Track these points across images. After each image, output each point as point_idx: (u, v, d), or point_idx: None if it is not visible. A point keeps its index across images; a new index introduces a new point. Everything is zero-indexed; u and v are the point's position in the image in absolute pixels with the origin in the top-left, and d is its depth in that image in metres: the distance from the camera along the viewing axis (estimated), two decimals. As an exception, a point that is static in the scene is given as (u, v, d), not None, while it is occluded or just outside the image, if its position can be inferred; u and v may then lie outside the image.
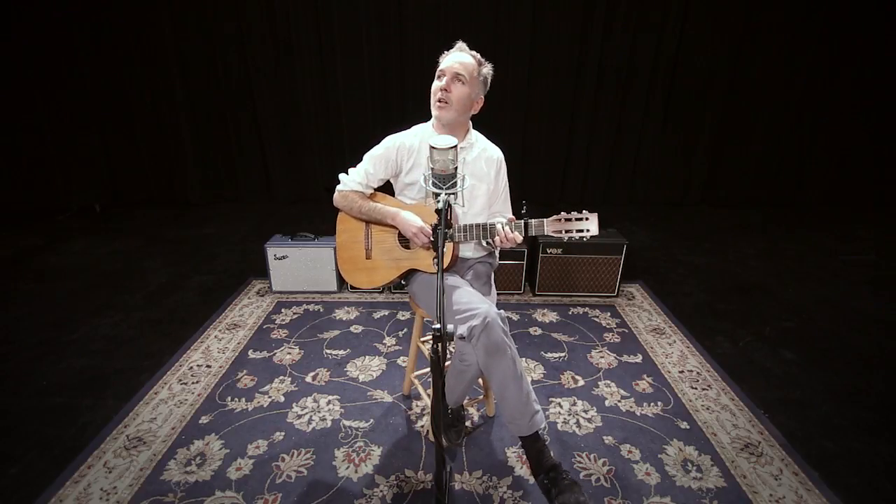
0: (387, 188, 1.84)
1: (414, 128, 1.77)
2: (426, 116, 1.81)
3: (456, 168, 1.26)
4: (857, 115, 4.60)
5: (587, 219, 1.50)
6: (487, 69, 1.67)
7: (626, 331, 2.62)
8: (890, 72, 4.44)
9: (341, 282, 2.99)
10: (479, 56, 1.65)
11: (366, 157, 1.76)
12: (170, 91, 4.30)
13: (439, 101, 1.61)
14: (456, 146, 1.22)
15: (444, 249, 1.61)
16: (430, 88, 1.65)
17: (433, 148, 1.22)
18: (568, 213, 1.52)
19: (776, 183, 4.86)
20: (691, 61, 4.37)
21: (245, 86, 4.33)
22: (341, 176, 1.79)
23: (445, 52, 1.67)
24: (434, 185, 1.27)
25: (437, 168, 1.24)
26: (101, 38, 4.07)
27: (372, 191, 1.80)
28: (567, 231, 1.51)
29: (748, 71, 4.42)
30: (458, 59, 1.61)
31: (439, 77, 1.63)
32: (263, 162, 4.65)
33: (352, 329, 2.59)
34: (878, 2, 4.21)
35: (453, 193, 1.28)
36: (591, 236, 1.51)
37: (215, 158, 4.60)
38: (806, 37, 4.32)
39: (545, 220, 1.53)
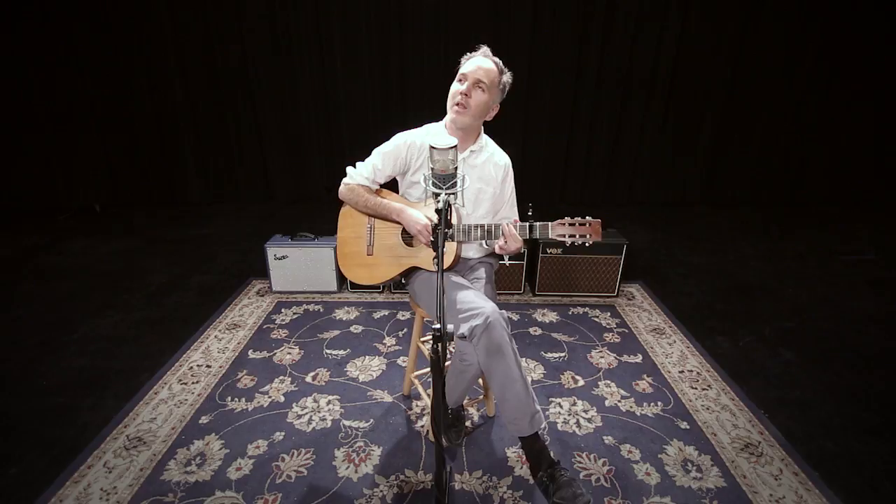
0: (391, 186, 1.84)
1: (425, 126, 1.76)
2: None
3: (456, 168, 1.26)
4: (856, 116, 4.60)
5: (590, 224, 1.50)
6: (507, 77, 1.66)
7: (626, 331, 2.62)
8: (889, 72, 4.44)
9: (341, 282, 2.99)
10: (500, 63, 1.64)
11: (375, 151, 1.75)
12: (170, 91, 4.30)
13: (458, 104, 1.60)
14: (455, 146, 1.22)
15: (446, 249, 1.62)
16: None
17: (433, 148, 1.22)
18: (572, 217, 1.52)
19: (776, 183, 4.86)
20: (691, 61, 4.36)
21: (245, 86, 4.33)
22: (348, 169, 1.79)
23: (468, 54, 1.66)
24: (434, 185, 1.27)
25: (438, 168, 1.24)
26: (101, 38, 4.07)
27: (378, 186, 1.80)
28: (570, 235, 1.51)
29: (748, 71, 4.42)
30: (481, 64, 1.60)
31: (460, 80, 1.61)
32: (263, 162, 4.65)
33: (352, 329, 2.59)
34: (877, 3, 4.21)
35: (453, 193, 1.28)
36: (594, 242, 1.51)
37: (215, 158, 4.60)
38: (806, 37, 4.32)
39: (549, 223, 1.53)
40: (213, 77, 4.29)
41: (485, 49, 1.66)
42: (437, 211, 1.27)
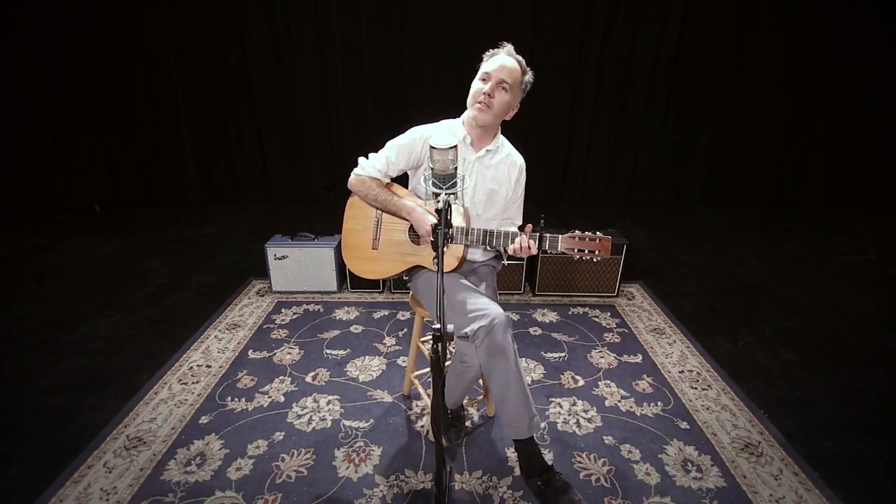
0: (400, 180, 1.82)
1: (442, 122, 1.73)
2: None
3: (456, 168, 1.26)
4: (856, 115, 4.60)
5: (600, 240, 1.49)
6: (529, 77, 1.64)
7: (626, 331, 2.62)
8: (889, 72, 4.44)
9: (341, 282, 2.99)
10: (523, 63, 1.61)
11: (388, 144, 1.72)
12: (170, 91, 4.30)
13: (480, 103, 1.57)
14: (456, 146, 1.22)
15: (451, 251, 1.62)
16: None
17: (433, 148, 1.22)
18: (583, 232, 1.51)
19: (776, 183, 4.86)
20: (691, 61, 4.37)
21: (245, 86, 4.33)
22: (360, 160, 1.75)
23: (491, 50, 1.63)
24: (434, 184, 1.27)
25: (438, 168, 1.24)
26: (101, 38, 4.07)
27: (389, 179, 1.77)
28: (579, 250, 1.50)
29: (748, 70, 4.42)
30: (505, 63, 1.57)
31: (483, 80, 1.58)
32: (263, 162, 4.65)
33: (352, 329, 2.59)
34: (877, 2, 4.21)
35: (453, 193, 1.28)
36: (601, 258, 1.51)
37: (215, 158, 4.60)
38: (806, 36, 4.32)
39: (560, 235, 1.51)
40: (213, 77, 4.29)
41: (508, 47, 1.62)
42: (437, 211, 1.27)
